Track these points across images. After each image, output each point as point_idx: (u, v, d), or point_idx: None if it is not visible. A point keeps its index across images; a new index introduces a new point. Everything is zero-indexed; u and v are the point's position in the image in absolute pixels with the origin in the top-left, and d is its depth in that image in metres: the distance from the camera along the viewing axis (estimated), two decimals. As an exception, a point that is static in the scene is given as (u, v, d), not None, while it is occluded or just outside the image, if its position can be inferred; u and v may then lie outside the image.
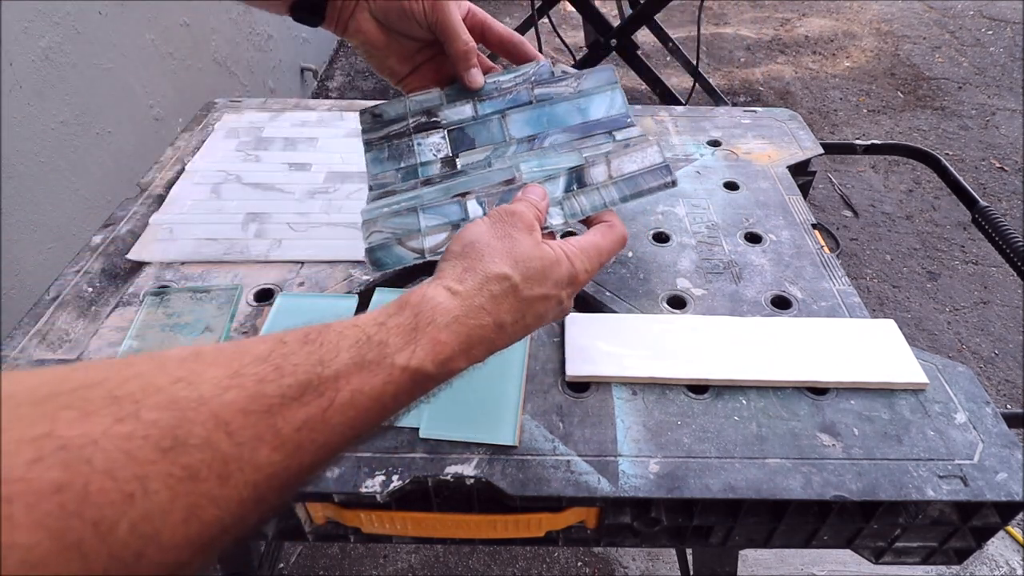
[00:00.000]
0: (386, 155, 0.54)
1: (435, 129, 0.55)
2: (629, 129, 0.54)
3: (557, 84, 0.56)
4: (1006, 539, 1.23)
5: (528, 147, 0.53)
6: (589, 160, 0.51)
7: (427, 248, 0.48)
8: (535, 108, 0.55)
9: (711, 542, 0.50)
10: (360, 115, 0.57)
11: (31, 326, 0.56)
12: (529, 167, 0.52)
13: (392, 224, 0.50)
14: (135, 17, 1.36)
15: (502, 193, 0.50)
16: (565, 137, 0.54)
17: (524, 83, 0.56)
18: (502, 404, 0.50)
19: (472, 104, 0.55)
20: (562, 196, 0.50)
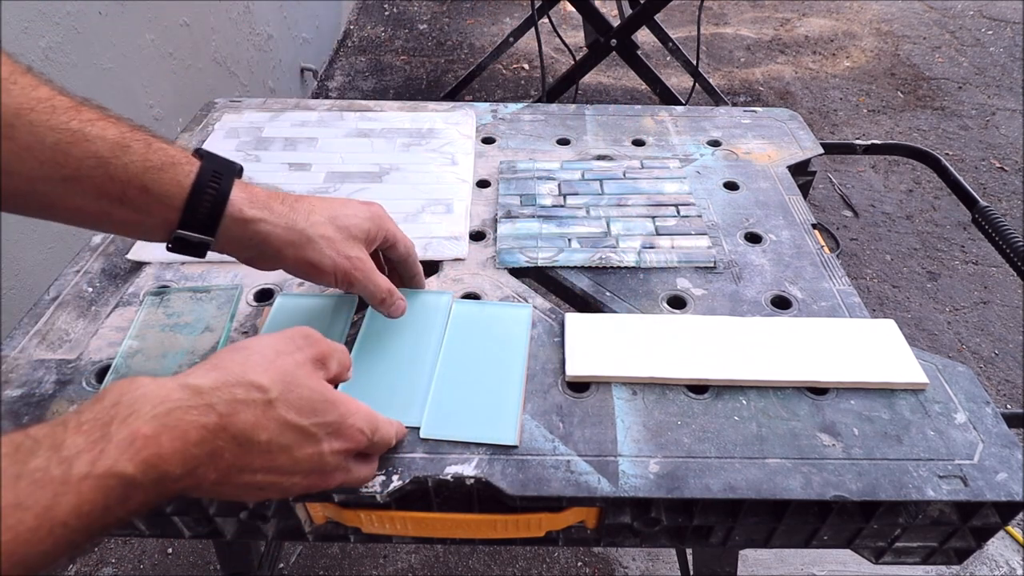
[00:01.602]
0: (513, 188, 0.74)
1: (551, 180, 0.75)
2: (689, 208, 0.72)
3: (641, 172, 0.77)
4: (1006, 539, 1.23)
5: (616, 202, 0.72)
6: (660, 230, 0.69)
7: (539, 258, 0.64)
8: (624, 181, 0.75)
9: (711, 542, 0.50)
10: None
11: (31, 326, 0.56)
12: (617, 227, 0.69)
13: (518, 241, 0.67)
14: (135, 17, 1.36)
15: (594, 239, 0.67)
16: (644, 201, 0.72)
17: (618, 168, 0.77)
18: (502, 404, 0.50)
19: (581, 172, 0.76)
20: (640, 248, 0.66)
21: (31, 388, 0.51)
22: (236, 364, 0.34)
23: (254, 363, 0.35)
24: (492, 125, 0.86)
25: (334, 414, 0.38)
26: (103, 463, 0.27)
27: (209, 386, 0.32)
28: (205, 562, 1.19)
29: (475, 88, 2.50)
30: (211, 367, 0.34)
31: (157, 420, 0.29)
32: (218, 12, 1.73)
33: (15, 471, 0.25)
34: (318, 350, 0.40)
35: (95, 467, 0.26)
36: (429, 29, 3.00)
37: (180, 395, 0.30)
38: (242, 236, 0.45)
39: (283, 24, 2.19)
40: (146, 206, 0.42)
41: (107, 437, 0.27)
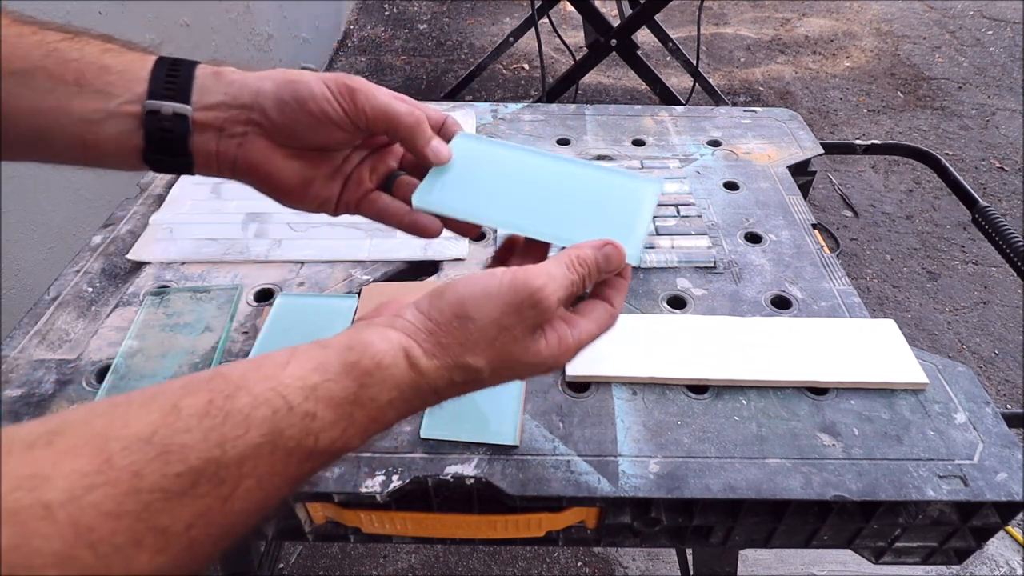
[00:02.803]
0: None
1: None
2: (689, 208, 0.71)
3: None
4: (1006, 539, 1.23)
5: None
6: (660, 230, 0.68)
7: None
8: None
9: (711, 542, 0.50)
10: None
11: (31, 326, 0.56)
12: None
13: None
14: (135, 17, 1.36)
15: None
16: None
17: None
18: (503, 404, 0.50)
19: None
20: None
21: (31, 388, 0.51)
22: (457, 344, 0.33)
23: (474, 342, 0.33)
24: (492, 125, 0.86)
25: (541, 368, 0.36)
26: (342, 441, 0.29)
27: (432, 370, 0.32)
28: (205, 562, 1.19)
29: (475, 88, 2.50)
30: (436, 344, 0.32)
31: (391, 405, 0.31)
32: (218, 12, 1.73)
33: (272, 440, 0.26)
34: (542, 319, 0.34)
35: (335, 444, 0.29)
36: (429, 29, 3.00)
37: (411, 379, 0.31)
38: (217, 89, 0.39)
39: (283, 24, 2.19)
40: (108, 86, 0.37)
41: (350, 418, 0.29)
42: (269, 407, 0.26)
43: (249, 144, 0.40)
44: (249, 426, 0.26)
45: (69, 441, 0.22)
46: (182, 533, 0.23)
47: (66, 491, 0.20)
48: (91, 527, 0.20)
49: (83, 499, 0.21)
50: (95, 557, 0.20)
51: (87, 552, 0.20)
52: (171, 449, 0.23)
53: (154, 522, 0.22)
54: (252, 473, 0.25)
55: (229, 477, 0.24)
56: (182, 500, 0.23)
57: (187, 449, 0.24)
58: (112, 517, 0.21)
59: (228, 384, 0.26)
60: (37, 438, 0.22)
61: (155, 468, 0.23)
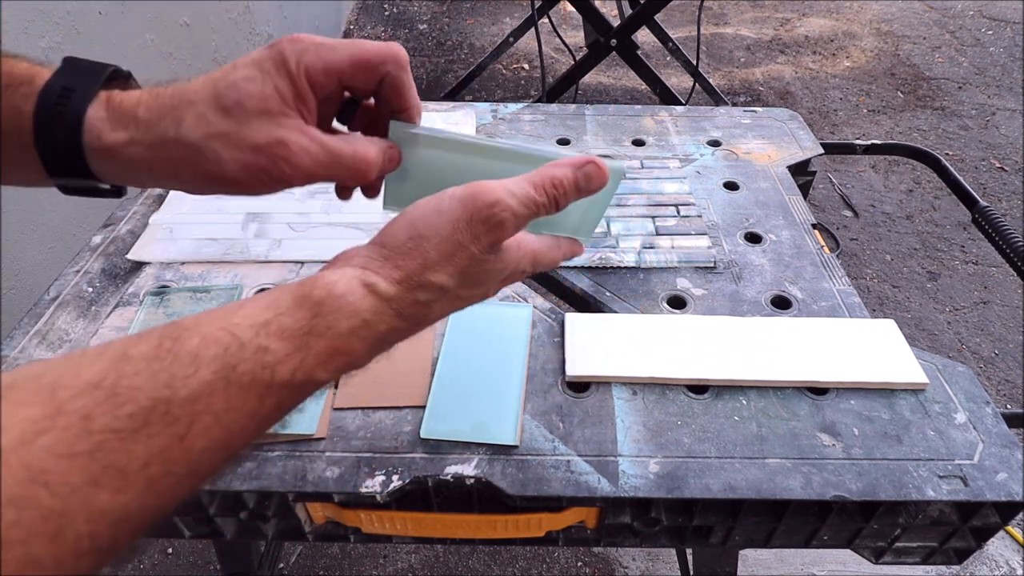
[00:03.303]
0: None
1: None
2: (689, 208, 0.72)
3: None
4: (1006, 539, 1.23)
5: (616, 202, 0.72)
6: (660, 230, 0.69)
7: None
8: (624, 181, 0.75)
9: (711, 542, 0.50)
10: None
11: (31, 326, 0.56)
12: (617, 227, 0.68)
13: None
14: (135, 17, 1.36)
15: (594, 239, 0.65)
16: (644, 201, 0.73)
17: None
18: (503, 404, 0.50)
19: None
20: (640, 248, 0.66)
21: (31, 388, 0.51)
22: (416, 264, 0.32)
23: (432, 260, 0.32)
24: (492, 125, 0.86)
25: (504, 273, 0.36)
26: (302, 372, 0.28)
27: (394, 294, 0.32)
28: (205, 562, 1.19)
29: (475, 88, 2.50)
30: (393, 267, 0.32)
31: (352, 333, 0.30)
32: (218, 12, 1.73)
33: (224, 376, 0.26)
34: (496, 233, 0.33)
35: (295, 376, 0.28)
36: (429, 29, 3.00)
37: (370, 304, 0.31)
38: (118, 169, 0.35)
39: (283, 24, 2.19)
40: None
41: (307, 347, 0.29)
42: (219, 345, 0.27)
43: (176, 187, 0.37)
44: (199, 365, 0.26)
45: (20, 393, 0.23)
46: (139, 471, 0.23)
47: (16, 437, 0.21)
48: (43, 468, 0.21)
49: (34, 443, 0.21)
50: (51, 496, 0.21)
51: (42, 491, 0.21)
52: (119, 392, 0.24)
53: (108, 461, 0.23)
54: (207, 410, 0.25)
55: (182, 415, 0.25)
56: (135, 438, 0.23)
57: (136, 391, 0.24)
58: (65, 458, 0.22)
59: (178, 329, 0.27)
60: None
61: (105, 410, 0.23)
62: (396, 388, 0.51)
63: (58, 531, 0.21)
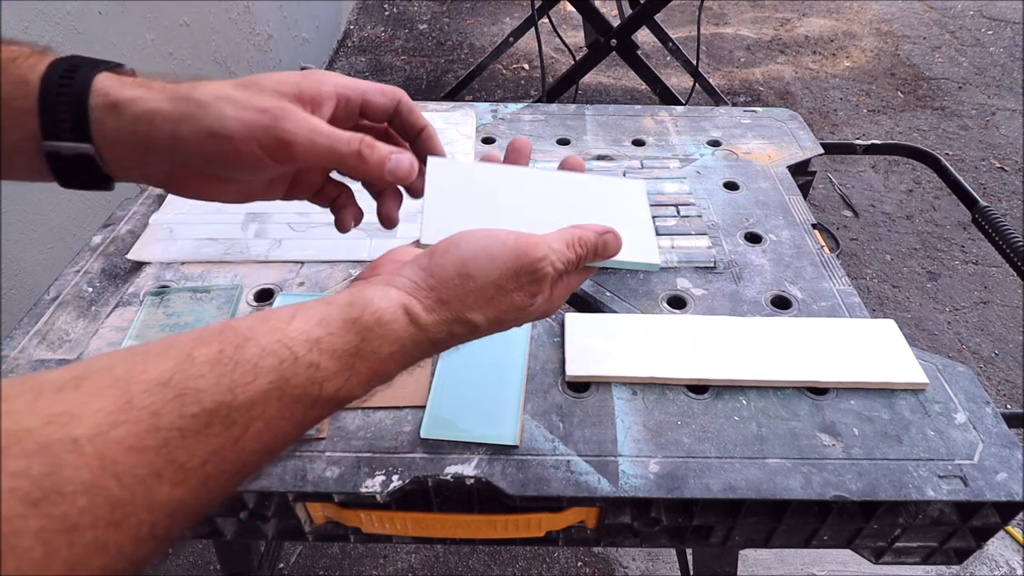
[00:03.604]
0: None
1: None
2: (689, 208, 0.72)
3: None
4: (1006, 539, 1.23)
5: None
6: (660, 230, 0.68)
7: None
8: None
9: (711, 542, 0.50)
10: None
11: (31, 326, 0.56)
12: None
13: None
14: (135, 17, 1.36)
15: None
16: None
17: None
18: (503, 404, 0.50)
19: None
20: None
21: (31, 388, 0.51)
22: (457, 300, 0.34)
23: (473, 300, 0.34)
24: (492, 125, 0.86)
25: (536, 315, 0.38)
26: (345, 390, 0.30)
27: (432, 325, 0.33)
28: (205, 562, 1.19)
29: (475, 88, 2.50)
30: (436, 301, 0.34)
31: (392, 358, 0.32)
32: (218, 12, 1.73)
33: (279, 388, 0.28)
34: (538, 285, 0.36)
35: (339, 392, 0.30)
36: (429, 29, 3.00)
37: (410, 333, 0.33)
38: (123, 129, 0.35)
39: (283, 24, 2.19)
40: None
41: (352, 368, 0.31)
42: (276, 357, 0.28)
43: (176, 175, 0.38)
44: (257, 374, 0.27)
45: (94, 384, 0.24)
46: (198, 468, 0.25)
47: (93, 427, 0.22)
48: (115, 460, 0.22)
49: (108, 434, 0.23)
50: (120, 486, 0.22)
51: (113, 481, 0.22)
52: (186, 392, 0.25)
53: (172, 457, 0.24)
54: (261, 416, 0.27)
55: (240, 419, 0.26)
56: (197, 438, 0.25)
57: (201, 393, 0.26)
58: (134, 451, 0.23)
59: (237, 336, 0.28)
60: (65, 382, 0.23)
61: (172, 409, 0.25)
62: (396, 388, 0.51)
63: (123, 519, 0.22)
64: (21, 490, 0.20)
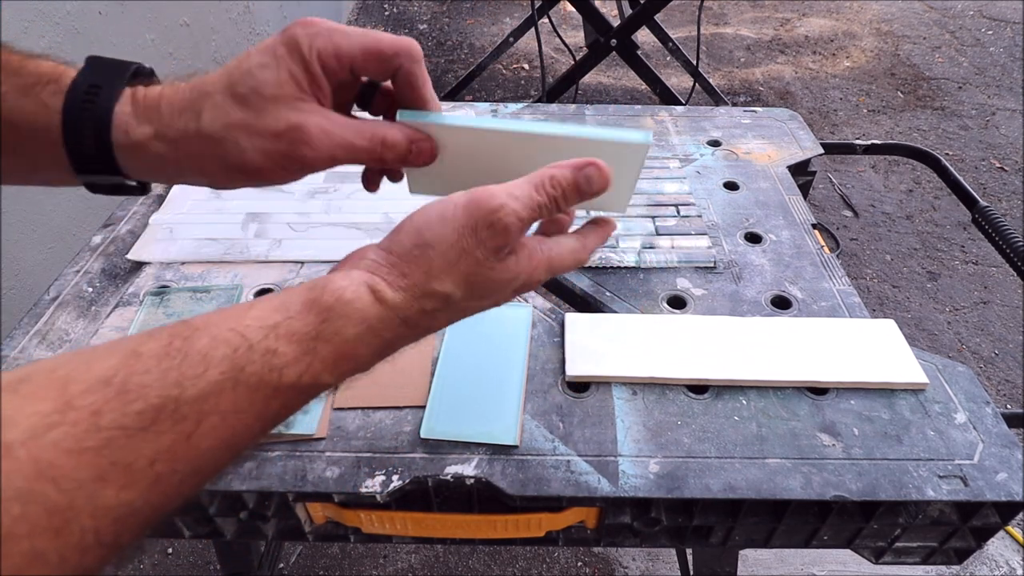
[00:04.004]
0: None
1: None
2: (689, 208, 0.72)
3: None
4: (1006, 539, 1.23)
5: None
6: (660, 230, 0.69)
7: None
8: None
9: (711, 542, 0.50)
10: None
11: (31, 326, 0.56)
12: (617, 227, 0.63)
13: None
14: (135, 17, 1.36)
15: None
16: (644, 201, 0.73)
17: None
18: (503, 404, 0.50)
19: None
20: (640, 248, 0.66)
21: (31, 388, 0.51)
22: (421, 272, 0.32)
23: (437, 268, 0.32)
24: (492, 125, 0.86)
25: (515, 284, 0.35)
26: (309, 375, 0.29)
27: (400, 302, 0.32)
28: (205, 562, 1.19)
29: (475, 88, 2.50)
30: (399, 275, 0.32)
31: (359, 339, 0.30)
32: (218, 12, 1.73)
33: (233, 377, 0.26)
34: (501, 240, 0.33)
35: (301, 379, 0.28)
36: (429, 29, 3.00)
37: (376, 312, 0.31)
38: (146, 165, 0.35)
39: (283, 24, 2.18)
40: (21, 147, 0.34)
41: (314, 352, 0.29)
42: (229, 346, 0.27)
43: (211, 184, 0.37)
44: (208, 365, 0.26)
45: (32, 387, 0.23)
46: (146, 468, 0.24)
47: (27, 431, 0.21)
48: (52, 463, 0.21)
49: (43, 437, 0.21)
50: (58, 491, 0.21)
51: (50, 487, 0.21)
52: (129, 388, 0.24)
53: (116, 458, 0.23)
54: (214, 410, 0.26)
55: (190, 414, 0.25)
56: (143, 436, 0.24)
57: (145, 388, 0.24)
58: (73, 453, 0.22)
59: (188, 328, 0.27)
60: (5, 386, 0.22)
61: (114, 407, 0.23)
62: (396, 388, 0.51)
63: (63, 526, 0.21)
64: None
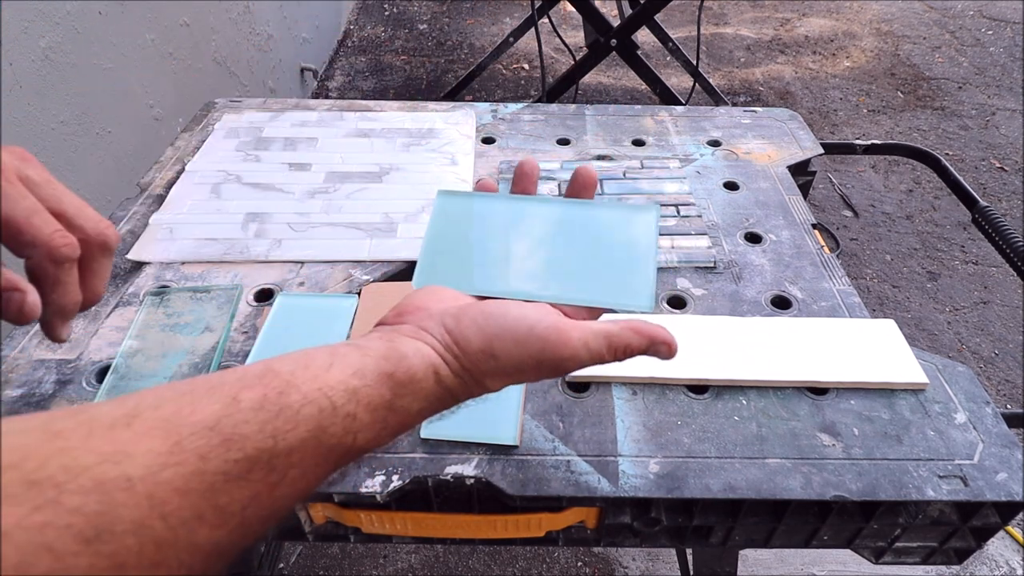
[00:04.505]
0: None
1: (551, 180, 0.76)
2: (689, 208, 0.72)
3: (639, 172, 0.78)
4: (1006, 539, 1.23)
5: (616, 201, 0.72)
6: (660, 230, 0.67)
7: None
8: (624, 181, 0.76)
9: (711, 542, 0.50)
10: None
11: (31, 326, 0.56)
12: None
13: None
14: (135, 17, 1.36)
15: None
16: (644, 201, 0.73)
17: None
18: (503, 404, 0.50)
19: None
20: None
21: (31, 388, 0.51)
22: (478, 371, 0.35)
23: (495, 374, 0.35)
24: (492, 125, 0.86)
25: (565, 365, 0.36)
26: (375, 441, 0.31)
27: (455, 386, 0.34)
28: (205, 562, 1.19)
29: (475, 88, 2.50)
30: (461, 368, 0.34)
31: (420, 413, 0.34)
32: (218, 12, 1.73)
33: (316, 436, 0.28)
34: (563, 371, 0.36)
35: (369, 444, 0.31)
36: (429, 29, 3.00)
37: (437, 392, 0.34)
38: None
39: (283, 24, 2.19)
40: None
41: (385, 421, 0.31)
42: (316, 406, 0.29)
43: None
44: (298, 422, 0.28)
45: (145, 424, 0.24)
46: (238, 512, 0.25)
47: (144, 467, 0.23)
48: (164, 500, 0.23)
49: (158, 475, 0.23)
50: (165, 527, 0.23)
51: (159, 522, 0.23)
52: (232, 437, 0.26)
53: (215, 501, 0.24)
54: (298, 464, 0.28)
55: (279, 466, 0.27)
56: (239, 483, 0.25)
57: (245, 439, 0.26)
58: (180, 493, 0.23)
59: (280, 381, 0.29)
60: (116, 420, 0.24)
61: (218, 453, 0.25)
62: None
63: (165, 560, 0.23)
64: (76, 527, 0.20)
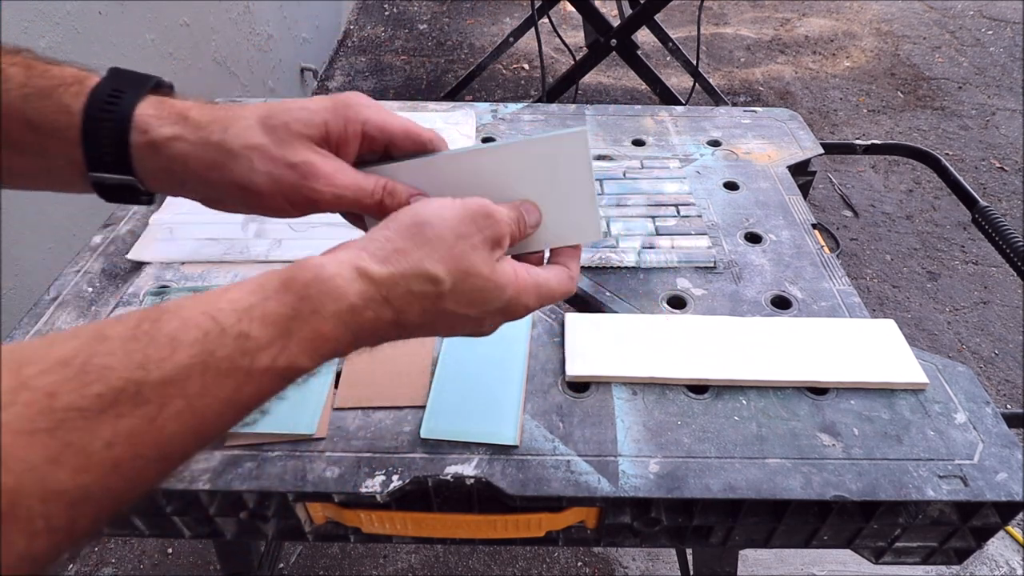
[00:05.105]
0: None
1: None
2: (689, 208, 0.72)
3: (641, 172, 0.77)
4: (1006, 539, 1.23)
5: (616, 202, 0.72)
6: (660, 230, 0.68)
7: None
8: (624, 181, 0.76)
9: (711, 542, 0.50)
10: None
11: (31, 326, 0.56)
12: (617, 227, 0.69)
13: None
14: (135, 17, 1.36)
15: None
16: (644, 201, 0.72)
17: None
18: (503, 404, 0.50)
19: None
20: (640, 248, 0.66)
21: (31, 388, 0.51)
22: (415, 249, 0.32)
23: (432, 249, 0.32)
24: (492, 125, 0.86)
25: (503, 299, 0.35)
26: (284, 359, 0.28)
27: (386, 277, 0.31)
28: (205, 562, 1.19)
29: (475, 88, 2.49)
30: (392, 250, 0.32)
31: (338, 318, 0.30)
32: (218, 12, 1.73)
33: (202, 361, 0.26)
34: (497, 231, 0.35)
35: (276, 362, 0.28)
36: (429, 29, 3.00)
37: (359, 289, 0.30)
38: (159, 166, 0.35)
39: (283, 24, 2.18)
40: (38, 145, 0.34)
41: (289, 333, 0.28)
42: (199, 330, 0.26)
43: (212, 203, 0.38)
44: (176, 348, 0.25)
45: None
46: (102, 451, 0.23)
47: None
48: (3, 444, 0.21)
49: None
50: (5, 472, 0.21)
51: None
52: (89, 370, 0.23)
53: (69, 440, 0.22)
54: (180, 394, 0.25)
55: (153, 397, 0.24)
56: (101, 419, 0.23)
57: (107, 370, 0.24)
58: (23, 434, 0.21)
59: (159, 311, 0.27)
60: None
61: (71, 388, 0.23)
62: (396, 388, 0.51)
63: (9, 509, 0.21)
64: None
